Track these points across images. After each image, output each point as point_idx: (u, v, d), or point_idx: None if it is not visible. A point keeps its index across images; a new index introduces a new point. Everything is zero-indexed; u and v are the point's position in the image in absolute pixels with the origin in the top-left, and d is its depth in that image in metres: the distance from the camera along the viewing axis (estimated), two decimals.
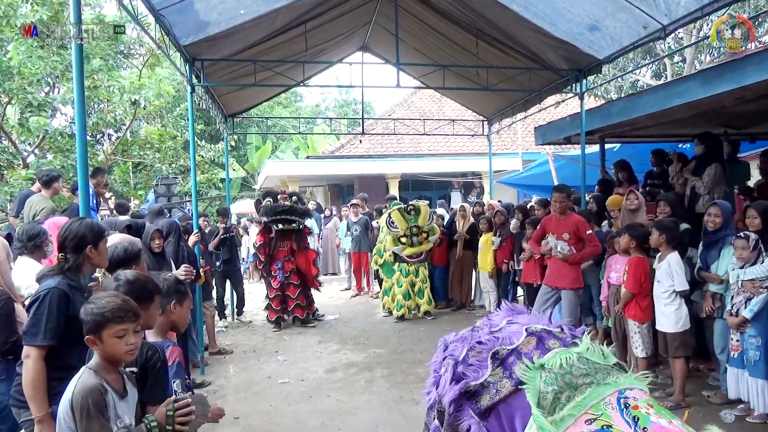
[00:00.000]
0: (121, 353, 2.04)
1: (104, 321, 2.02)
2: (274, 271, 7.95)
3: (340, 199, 20.79)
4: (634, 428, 1.15)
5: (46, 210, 5.87)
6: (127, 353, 2.05)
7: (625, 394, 1.25)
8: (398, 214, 8.04)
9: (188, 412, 2.04)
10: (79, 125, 3.63)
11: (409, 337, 7.23)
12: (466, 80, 9.92)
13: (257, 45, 8.25)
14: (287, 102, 29.00)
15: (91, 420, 1.91)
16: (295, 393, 5.25)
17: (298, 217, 8.06)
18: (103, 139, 17.94)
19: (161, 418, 2.03)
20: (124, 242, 3.21)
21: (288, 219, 7.90)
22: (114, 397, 2.02)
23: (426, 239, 8.04)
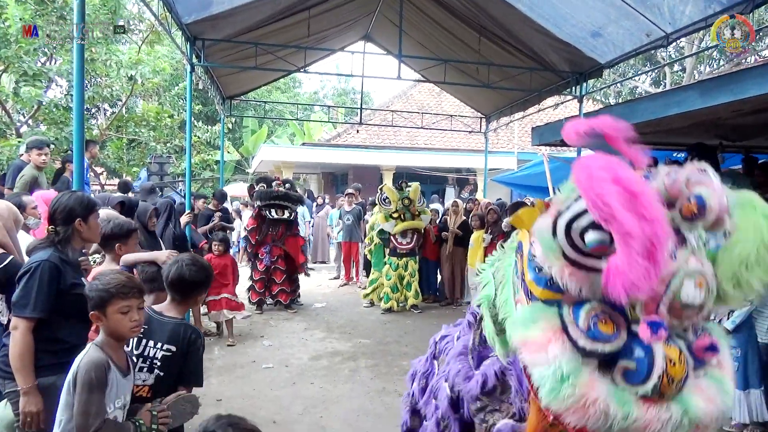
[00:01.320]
0: (125, 329, 2.06)
1: (109, 297, 2.05)
2: (261, 254, 7.95)
3: (333, 187, 20.76)
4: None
5: (25, 177, 5.80)
6: (131, 329, 2.08)
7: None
8: (390, 188, 8.19)
9: (166, 415, 2.13)
10: (77, 99, 3.61)
11: (395, 329, 7.26)
12: (467, 76, 9.92)
13: (259, 28, 8.21)
14: (286, 87, 28.85)
15: (90, 394, 1.93)
16: (278, 378, 5.27)
17: (291, 203, 8.06)
18: (98, 114, 17.77)
19: (147, 419, 2.09)
20: (120, 218, 3.19)
21: (281, 205, 7.88)
22: (117, 375, 2.03)
23: (418, 216, 8.07)
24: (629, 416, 1.35)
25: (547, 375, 1.39)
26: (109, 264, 3.10)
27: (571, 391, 1.36)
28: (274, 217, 7.86)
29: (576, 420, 1.38)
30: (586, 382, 1.38)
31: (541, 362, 1.41)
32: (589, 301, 1.44)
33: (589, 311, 1.43)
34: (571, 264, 1.42)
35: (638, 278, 1.28)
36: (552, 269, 1.46)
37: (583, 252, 1.41)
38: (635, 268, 1.28)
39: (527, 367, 1.51)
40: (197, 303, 2.63)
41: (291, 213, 8.06)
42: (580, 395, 1.36)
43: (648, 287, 1.30)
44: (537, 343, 1.44)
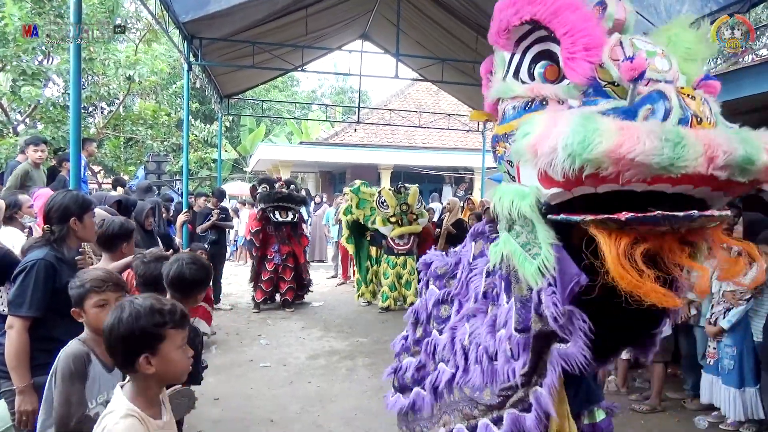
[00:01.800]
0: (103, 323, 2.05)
1: (85, 292, 2.07)
2: (270, 254, 7.95)
3: (331, 186, 20.75)
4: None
5: (16, 171, 5.76)
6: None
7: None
8: (389, 192, 8.08)
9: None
10: (74, 98, 3.61)
11: (392, 327, 7.26)
12: (465, 75, 9.92)
13: (257, 26, 8.20)
14: (283, 86, 28.81)
15: (71, 384, 1.92)
16: (276, 377, 5.27)
17: (295, 205, 8.06)
18: (96, 112, 17.73)
19: None
20: (120, 218, 3.19)
21: (285, 207, 7.89)
22: (100, 369, 2.03)
23: (415, 221, 8.07)
24: (680, 138, 1.28)
25: (570, 136, 1.33)
26: (105, 263, 3.08)
27: (601, 136, 1.29)
28: (278, 220, 7.86)
29: (624, 163, 1.29)
30: (614, 123, 1.33)
31: (557, 134, 1.36)
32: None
33: (576, 100, 1.56)
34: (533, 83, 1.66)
35: (587, 47, 1.51)
36: (521, 94, 1.68)
37: (540, 82, 1.66)
38: (580, 42, 1.51)
39: (547, 154, 1.40)
40: (197, 302, 2.63)
41: (295, 215, 8.06)
42: (614, 132, 1.29)
43: (597, 51, 1.50)
44: (544, 129, 1.41)
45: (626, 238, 1.42)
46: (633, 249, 1.42)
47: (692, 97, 1.41)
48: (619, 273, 1.40)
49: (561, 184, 1.44)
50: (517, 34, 1.73)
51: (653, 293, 1.40)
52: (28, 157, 5.99)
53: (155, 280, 2.57)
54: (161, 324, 1.51)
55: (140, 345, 1.49)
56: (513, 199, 1.64)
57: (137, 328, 1.48)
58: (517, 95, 1.71)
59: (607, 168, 1.31)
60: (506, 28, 1.72)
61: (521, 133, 1.50)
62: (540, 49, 1.68)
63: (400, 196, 8.05)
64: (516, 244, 1.70)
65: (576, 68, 1.51)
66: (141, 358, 1.48)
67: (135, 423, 1.47)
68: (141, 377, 1.52)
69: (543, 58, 1.66)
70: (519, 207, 1.61)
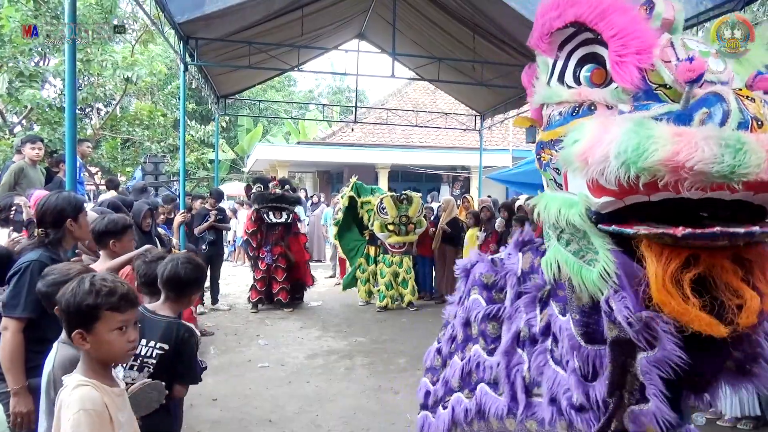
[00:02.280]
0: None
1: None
2: (262, 253, 7.93)
3: (329, 186, 20.74)
4: None
5: (11, 168, 5.72)
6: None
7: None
8: (390, 201, 8.04)
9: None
10: (69, 101, 3.59)
11: (390, 327, 7.26)
12: (461, 74, 9.93)
13: (253, 27, 8.19)
14: (280, 86, 28.81)
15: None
16: (274, 377, 5.27)
17: (288, 205, 8.00)
18: (92, 113, 17.71)
19: None
20: (114, 214, 3.18)
21: (278, 207, 7.85)
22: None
23: (413, 231, 8.07)
24: (741, 144, 1.20)
25: (623, 143, 1.26)
26: (102, 262, 3.07)
27: (656, 143, 1.23)
28: (272, 221, 7.83)
29: (682, 172, 1.21)
30: (669, 129, 1.26)
31: (609, 141, 1.30)
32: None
33: (626, 105, 1.47)
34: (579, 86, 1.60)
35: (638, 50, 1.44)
36: (567, 99, 1.61)
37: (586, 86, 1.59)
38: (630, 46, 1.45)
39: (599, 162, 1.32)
40: (191, 302, 2.62)
41: (289, 215, 8.01)
42: (670, 139, 1.22)
43: (647, 53, 1.43)
44: (595, 136, 1.35)
45: (677, 259, 1.33)
46: (682, 274, 1.33)
47: (751, 99, 1.33)
48: (662, 299, 1.33)
49: (613, 192, 1.36)
50: (560, 38, 1.67)
51: (697, 321, 1.32)
52: (24, 156, 5.98)
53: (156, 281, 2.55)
54: (94, 305, 1.57)
55: (75, 321, 1.57)
56: (560, 207, 1.56)
57: (73, 305, 1.57)
58: (564, 100, 1.64)
59: (663, 177, 1.24)
60: (548, 32, 1.66)
61: (570, 140, 1.44)
62: (585, 52, 1.62)
63: (402, 207, 8.03)
64: (568, 253, 1.61)
65: (625, 72, 1.46)
66: (74, 333, 1.57)
67: (89, 389, 1.55)
68: (84, 352, 1.62)
69: (589, 61, 1.61)
70: (567, 216, 1.52)
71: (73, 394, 1.53)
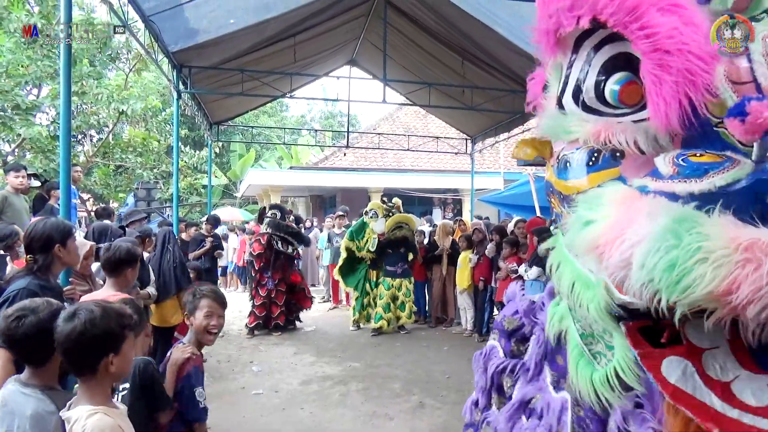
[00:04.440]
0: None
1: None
2: (263, 279, 7.99)
3: (321, 210, 20.78)
4: None
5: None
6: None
7: None
8: (376, 202, 8.59)
9: None
10: (64, 125, 3.63)
11: (385, 351, 7.24)
12: (451, 99, 10.06)
13: (246, 55, 8.30)
14: (273, 111, 29.01)
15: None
16: (268, 404, 5.23)
17: (299, 242, 8.33)
18: (85, 141, 17.76)
19: None
20: (127, 243, 3.18)
21: (289, 241, 8.09)
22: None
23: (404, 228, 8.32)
24: None
25: (653, 253, 0.86)
26: (108, 289, 3.02)
27: (706, 265, 0.82)
28: (279, 249, 8.02)
29: (741, 310, 0.82)
30: (729, 236, 0.82)
31: (633, 242, 0.90)
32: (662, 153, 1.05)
33: (667, 156, 1.02)
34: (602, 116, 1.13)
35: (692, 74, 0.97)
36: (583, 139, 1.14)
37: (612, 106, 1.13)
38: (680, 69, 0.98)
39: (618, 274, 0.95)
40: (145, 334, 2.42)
41: (294, 250, 8.26)
42: (730, 259, 0.81)
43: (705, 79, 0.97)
44: (614, 224, 0.95)
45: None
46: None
47: None
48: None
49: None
50: (575, 34, 1.22)
51: None
52: (8, 182, 5.97)
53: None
54: (126, 325, 1.65)
55: (109, 345, 1.59)
56: (575, 283, 1.17)
57: (108, 329, 1.59)
58: (577, 138, 1.18)
59: (714, 311, 0.86)
60: (556, 31, 1.24)
61: (579, 219, 1.04)
62: (614, 52, 1.15)
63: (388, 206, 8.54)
64: (574, 331, 1.27)
65: (663, 103, 1.00)
66: (108, 358, 1.58)
67: (102, 416, 1.55)
68: (99, 378, 1.60)
69: (619, 66, 1.14)
70: (582, 300, 1.13)
71: (88, 424, 1.52)
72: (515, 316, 1.87)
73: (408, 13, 8.29)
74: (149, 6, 5.71)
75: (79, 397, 1.63)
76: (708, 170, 0.92)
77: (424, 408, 5.06)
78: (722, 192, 0.88)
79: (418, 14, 8.11)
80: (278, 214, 8.23)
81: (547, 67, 1.37)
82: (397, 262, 8.23)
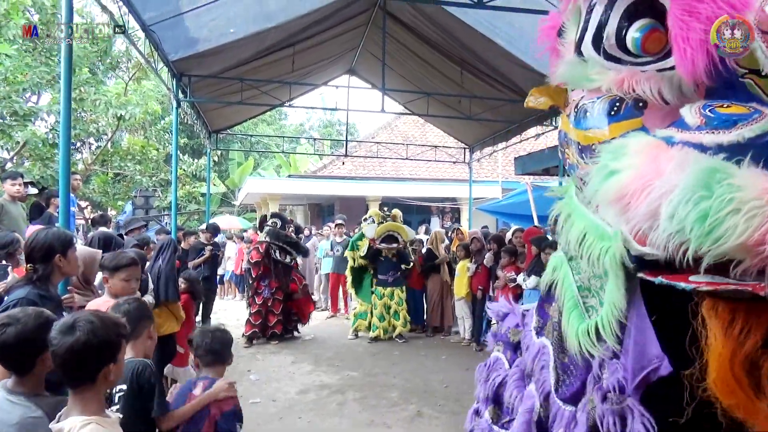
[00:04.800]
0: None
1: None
2: (260, 288, 7.98)
3: (320, 219, 20.78)
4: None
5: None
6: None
7: None
8: (375, 210, 8.70)
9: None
10: (64, 130, 3.64)
11: (383, 360, 7.23)
12: (450, 108, 10.10)
13: (245, 64, 8.34)
14: (271, 119, 29.07)
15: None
16: (265, 414, 5.21)
17: (297, 253, 8.31)
18: (83, 148, 17.78)
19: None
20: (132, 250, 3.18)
21: (287, 251, 8.08)
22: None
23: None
24: None
25: (683, 203, 0.87)
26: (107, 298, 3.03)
27: (738, 215, 0.82)
28: (276, 258, 8.02)
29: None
30: (762, 185, 0.84)
31: (661, 191, 0.90)
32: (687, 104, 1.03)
33: (693, 106, 1.00)
34: (623, 64, 1.09)
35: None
36: (605, 88, 1.11)
37: (633, 54, 1.10)
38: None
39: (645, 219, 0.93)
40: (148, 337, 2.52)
41: (292, 260, 8.25)
42: (762, 207, 0.82)
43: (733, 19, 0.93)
44: (641, 172, 0.94)
45: (758, 332, 0.92)
46: (761, 355, 0.93)
47: None
48: (725, 385, 0.94)
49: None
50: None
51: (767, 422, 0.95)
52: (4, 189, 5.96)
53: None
54: (122, 335, 1.69)
55: (108, 355, 1.61)
56: (587, 233, 1.17)
57: (107, 339, 1.61)
58: (598, 87, 1.15)
59: (743, 262, 0.86)
60: None
61: (604, 169, 1.03)
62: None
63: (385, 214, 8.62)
64: (571, 282, 1.29)
65: (690, 51, 0.98)
66: (108, 368, 1.60)
67: (96, 426, 1.54)
68: (95, 388, 1.61)
69: (642, 13, 1.10)
70: (594, 249, 1.13)
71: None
72: (518, 326, 1.87)
73: (407, 24, 8.34)
74: (150, 16, 5.74)
75: (70, 407, 1.62)
76: (737, 121, 0.91)
77: (422, 417, 5.05)
78: (751, 143, 0.88)
79: (417, 24, 8.16)
80: (278, 222, 8.25)
81: (564, 11, 1.31)
82: (388, 270, 8.24)
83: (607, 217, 1.10)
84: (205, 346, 2.76)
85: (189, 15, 6.13)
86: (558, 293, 1.37)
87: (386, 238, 8.20)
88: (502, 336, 1.92)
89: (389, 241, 8.19)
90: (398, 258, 8.32)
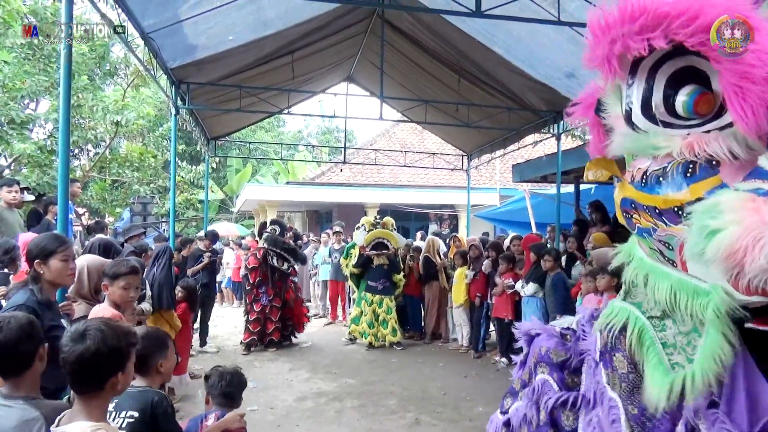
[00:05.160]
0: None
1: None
2: (257, 294, 7.97)
3: (318, 226, 20.77)
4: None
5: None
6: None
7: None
8: (367, 218, 8.72)
9: None
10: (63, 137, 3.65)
11: (380, 367, 7.21)
12: (448, 116, 10.13)
13: (244, 71, 8.36)
14: (270, 126, 29.10)
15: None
16: (263, 421, 5.19)
17: (295, 260, 8.27)
18: (81, 155, 17.77)
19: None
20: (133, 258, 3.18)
21: (285, 257, 8.06)
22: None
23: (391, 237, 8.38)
24: None
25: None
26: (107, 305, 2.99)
27: None
28: (274, 265, 8.01)
29: None
30: None
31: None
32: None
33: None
34: (676, 129, 1.16)
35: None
36: (676, 152, 1.16)
37: (684, 118, 1.16)
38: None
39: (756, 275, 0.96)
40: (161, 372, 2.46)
41: (289, 267, 8.22)
42: None
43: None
44: (746, 228, 0.96)
45: None
46: None
47: None
48: None
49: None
50: (638, 57, 1.24)
51: None
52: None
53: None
54: (131, 344, 1.70)
55: (118, 364, 1.63)
56: (678, 292, 1.23)
57: (117, 348, 1.62)
58: (667, 153, 1.19)
59: None
60: (620, 55, 1.23)
61: (703, 230, 1.03)
62: (676, 67, 1.19)
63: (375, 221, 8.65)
64: (654, 339, 1.31)
65: (750, 112, 1.03)
66: (116, 377, 1.62)
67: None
68: (102, 395, 1.62)
69: (687, 79, 1.17)
70: (691, 307, 1.18)
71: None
72: (560, 348, 1.85)
73: (405, 32, 8.38)
74: (149, 23, 5.76)
75: (75, 412, 1.62)
76: None
77: (420, 425, 5.04)
78: None
79: (415, 33, 8.20)
80: (278, 229, 8.23)
81: (601, 90, 1.40)
82: (379, 277, 8.25)
83: (698, 274, 1.15)
84: (220, 389, 2.76)
85: (188, 22, 6.15)
86: (633, 348, 1.39)
87: (376, 245, 8.20)
88: (544, 357, 1.90)
89: (379, 248, 8.20)
90: (389, 266, 8.33)
